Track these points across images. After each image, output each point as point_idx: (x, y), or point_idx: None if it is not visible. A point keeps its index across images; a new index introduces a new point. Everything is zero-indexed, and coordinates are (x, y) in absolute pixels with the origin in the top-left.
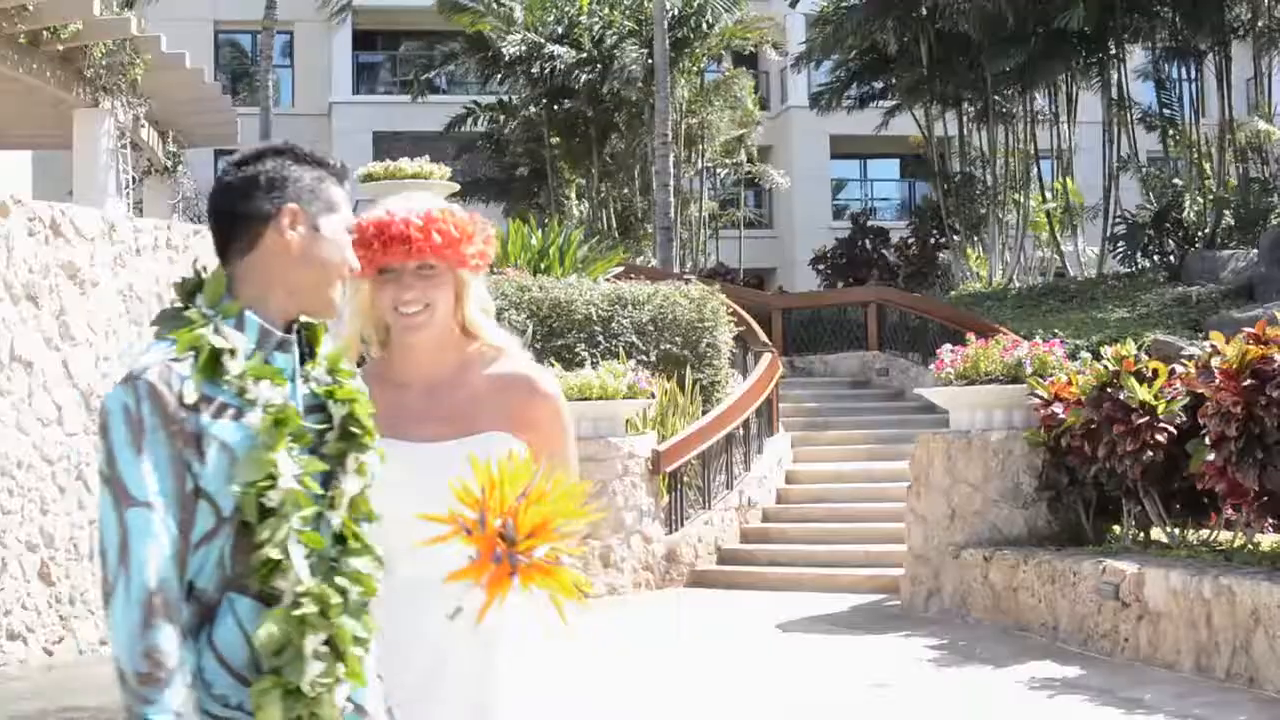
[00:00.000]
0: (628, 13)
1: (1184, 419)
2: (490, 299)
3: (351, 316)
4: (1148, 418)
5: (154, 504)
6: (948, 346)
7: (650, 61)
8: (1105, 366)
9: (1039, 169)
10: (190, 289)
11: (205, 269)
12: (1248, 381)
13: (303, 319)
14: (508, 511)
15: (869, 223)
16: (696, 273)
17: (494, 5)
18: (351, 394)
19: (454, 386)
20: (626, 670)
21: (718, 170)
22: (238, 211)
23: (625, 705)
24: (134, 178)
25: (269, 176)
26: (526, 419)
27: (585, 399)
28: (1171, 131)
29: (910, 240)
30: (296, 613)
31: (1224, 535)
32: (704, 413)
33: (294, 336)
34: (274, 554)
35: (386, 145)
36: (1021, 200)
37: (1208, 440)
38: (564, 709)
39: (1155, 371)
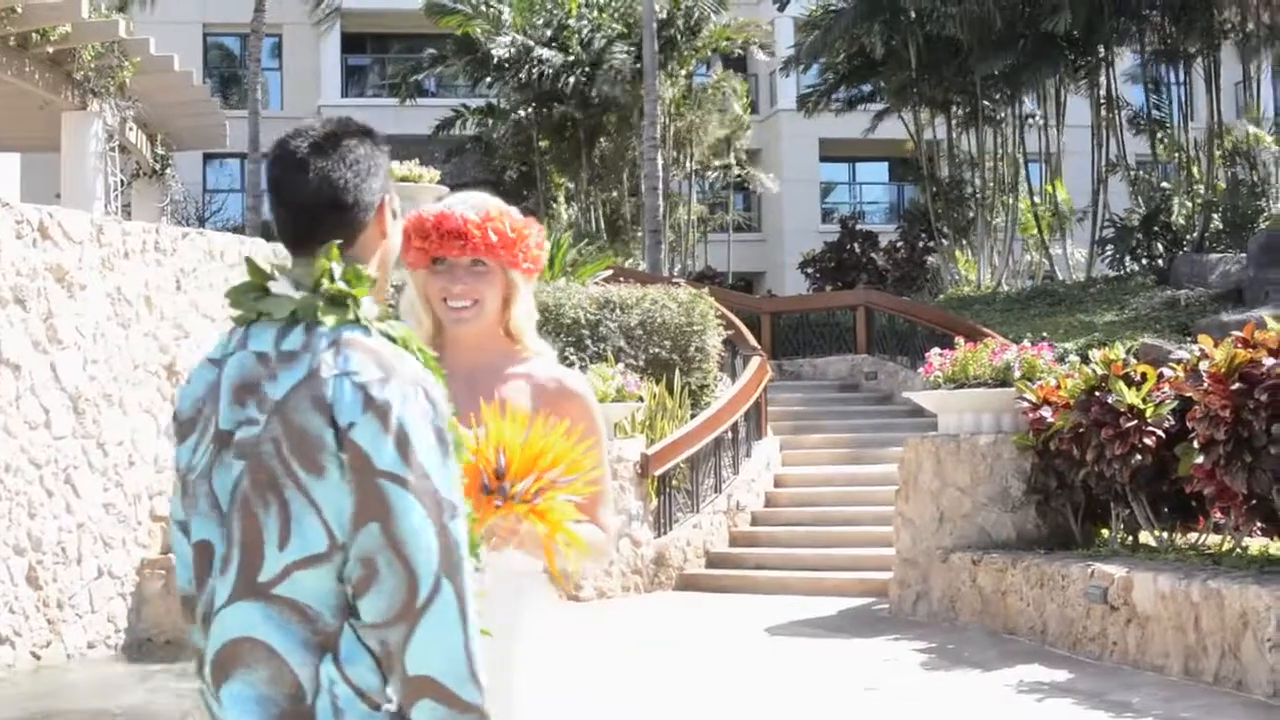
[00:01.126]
0: (616, 15)
1: (1172, 422)
2: (535, 309)
3: (409, 304)
4: (1136, 421)
5: (463, 513)
6: (936, 350)
7: (638, 65)
8: (1094, 370)
9: (1028, 172)
10: (320, 278)
11: (335, 258)
12: (1236, 385)
13: None
14: (505, 447)
15: (858, 226)
16: (685, 276)
17: (483, 8)
18: None
19: (491, 379)
20: (614, 674)
21: (707, 173)
22: (344, 203)
23: (613, 709)
24: (122, 180)
25: (368, 164)
26: (556, 415)
27: None
28: (1160, 135)
29: (899, 244)
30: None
31: (1212, 539)
32: (693, 416)
33: None
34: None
35: None
36: (1010, 204)
37: (1196, 444)
38: (570, 708)
39: (1144, 375)
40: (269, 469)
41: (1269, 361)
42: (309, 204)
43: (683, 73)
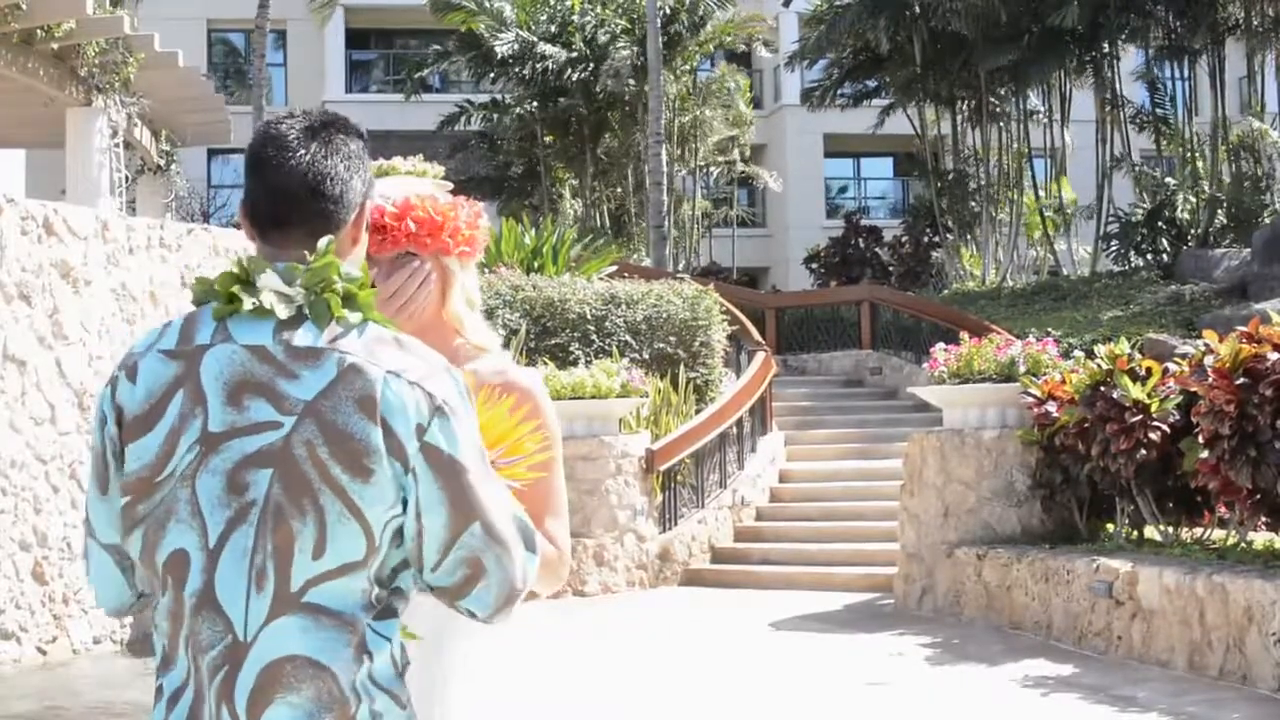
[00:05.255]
0: (620, 10)
1: (1177, 417)
2: (478, 292)
3: None
4: (1141, 416)
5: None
6: (941, 345)
7: (643, 60)
8: (1099, 365)
9: (1033, 168)
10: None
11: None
12: (1241, 380)
13: None
14: None
15: (862, 221)
16: (690, 271)
17: (486, 4)
18: None
19: None
20: (620, 669)
21: (711, 169)
22: (330, 192)
23: (618, 704)
24: (127, 176)
25: (358, 162)
26: None
27: (578, 398)
28: (1164, 130)
29: (904, 239)
30: None
31: (1217, 534)
32: (697, 411)
33: None
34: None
35: (379, 144)
36: (1015, 199)
37: (1201, 439)
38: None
39: (1149, 370)
40: (302, 474)
41: (1274, 356)
42: (294, 187)
43: (686, 68)
